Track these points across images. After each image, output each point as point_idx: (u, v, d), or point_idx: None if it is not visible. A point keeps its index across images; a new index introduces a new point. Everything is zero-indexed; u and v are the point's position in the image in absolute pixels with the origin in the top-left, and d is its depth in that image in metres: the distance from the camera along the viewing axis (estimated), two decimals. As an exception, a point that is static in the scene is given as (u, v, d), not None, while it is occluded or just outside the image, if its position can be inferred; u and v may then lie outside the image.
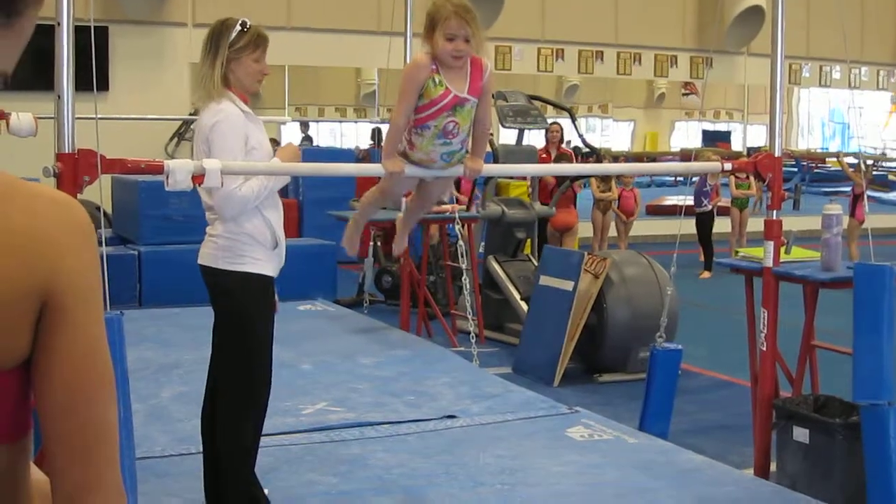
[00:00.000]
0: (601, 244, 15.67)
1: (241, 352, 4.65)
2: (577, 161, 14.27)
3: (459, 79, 4.37)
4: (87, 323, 1.47)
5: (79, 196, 4.10)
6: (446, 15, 4.27)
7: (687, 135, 27.89)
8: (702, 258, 15.45)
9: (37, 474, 1.63)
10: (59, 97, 4.20)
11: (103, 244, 2.90)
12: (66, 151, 4.21)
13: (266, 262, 4.64)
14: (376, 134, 19.67)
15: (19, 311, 1.41)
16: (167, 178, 4.29)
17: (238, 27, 4.60)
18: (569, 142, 17.23)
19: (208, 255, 4.66)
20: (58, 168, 4.18)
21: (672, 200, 20.69)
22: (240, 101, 4.63)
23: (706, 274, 15.15)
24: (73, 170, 4.19)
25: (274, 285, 4.73)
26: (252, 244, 4.59)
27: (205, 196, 4.63)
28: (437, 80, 4.34)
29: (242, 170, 4.47)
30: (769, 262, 5.87)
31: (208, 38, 4.64)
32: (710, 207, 15.52)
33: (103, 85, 14.14)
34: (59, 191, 1.52)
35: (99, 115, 4.15)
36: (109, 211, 12.79)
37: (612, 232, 16.32)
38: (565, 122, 13.91)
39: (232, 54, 4.58)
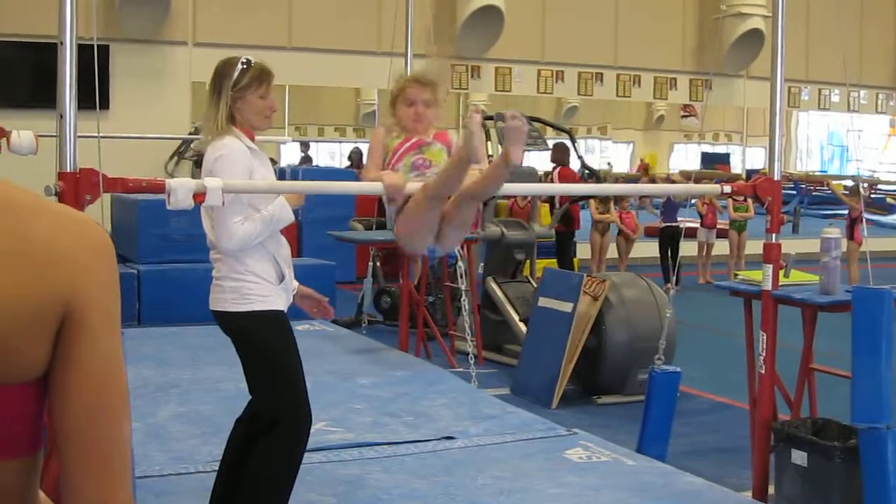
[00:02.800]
0: (600, 266, 15.71)
1: (271, 388, 4.59)
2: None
3: (422, 133, 4.58)
4: (106, 339, 1.49)
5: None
6: (404, 84, 4.60)
7: (686, 157, 27.95)
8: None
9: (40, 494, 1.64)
10: (61, 116, 4.21)
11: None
12: (68, 170, 4.21)
13: (274, 298, 4.58)
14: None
15: (39, 324, 1.43)
16: (168, 196, 4.29)
17: (240, 66, 4.57)
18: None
19: (217, 299, 4.59)
20: (59, 187, 4.19)
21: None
22: (245, 137, 4.60)
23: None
24: (75, 189, 4.19)
25: (286, 318, 4.69)
26: (258, 282, 4.54)
27: (211, 234, 4.58)
28: (394, 135, 4.59)
29: (243, 188, 4.47)
30: (768, 286, 5.87)
31: (212, 78, 4.60)
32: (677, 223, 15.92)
33: (104, 103, 14.13)
34: (82, 212, 1.55)
35: (100, 134, 4.16)
36: (109, 229, 12.80)
37: (611, 253, 16.39)
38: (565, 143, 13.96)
39: (236, 93, 4.54)
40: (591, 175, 13.35)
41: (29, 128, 6.41)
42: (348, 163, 20.18)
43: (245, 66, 4.56)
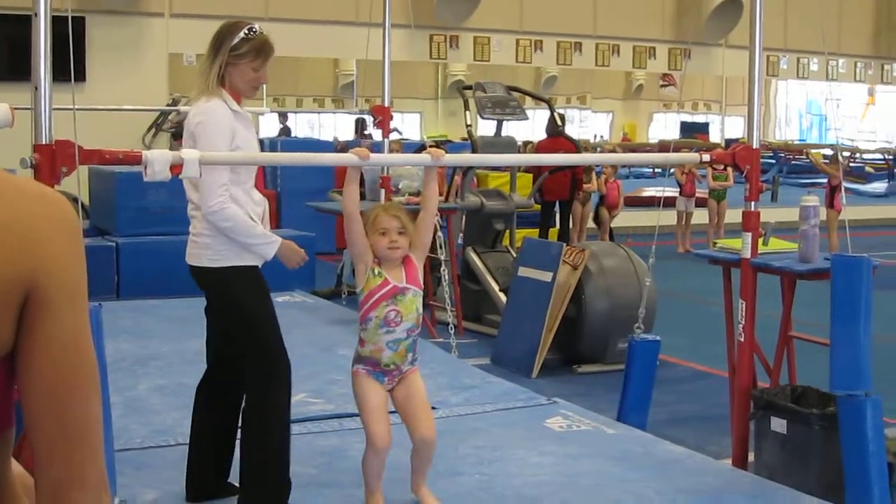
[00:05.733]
0: (580, 235, 15.72)
1: (247, 343, 4.65)
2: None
3: (396, 270, 4.75)
4: (72, 317, 1.47)
5: (56, 187, 4.08)
6: (376, 213, 4.79)
7: (665, 126, 27.94)
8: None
9: (17, 468, 1.63)
10: (35, 88, 4.18)
11: (81, 235, 2.87)
12: (44, 142, 4.19)
13: (249, 254, 4.63)
14: (359, 124, 19.71)
15: (1, 303, 1.41)
16: (145, 168, 4.27)
17: (243, 33, 4.57)
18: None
19: (193, 254, 4.68)
20: (35, 159, 4.16)
21: (650, 192, 20.74)
22: (231, 100, 4.61)
23: None
24: (51, 161, 4.16)
25: (260, 272, 4.71)
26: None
27: (190, 191, 4.62)
28: (376, 272, 4.72)
29: (220, 160, 4.46)
30: (747, 254, 5.88)
31: (214, 36, 4.62)
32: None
33: (80, 76, 14.06)
34: (45, 185, 1.51)
35: (76, 106, 4.13)
36: (87, 202, 12.74)
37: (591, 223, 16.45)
38: (543, 114, 13.93)
39: (231, 59, 4.56)
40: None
41: (4, 100, 6.32)
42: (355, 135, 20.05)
43: (247, 35, 4.56)
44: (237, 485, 4.80)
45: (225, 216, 4.51)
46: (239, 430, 4.79)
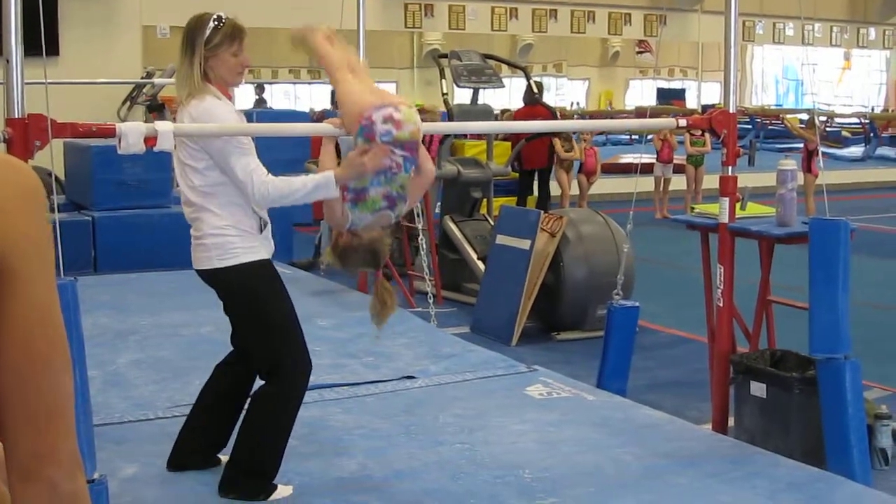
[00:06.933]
0: (563, 202, 15.75)
1: (266, 340, 4.60)
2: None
3: None
4: (38, 289, 1.44)
5: (30, 162, 4.05)
6: None
7: (642, 93, 27.97)
8: None
9: None
10: (7, 61, 4.14)
11: (55, 210, 2.80)
12: (16, 116, 4.16)
13: (258, 248, 4.53)
14: (335, 94, 19.68)
15: None
16: (119, 141, 4.24)
17: (212, 23, 4.48)
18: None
19: (200, 258, 4.55)
20: (8, 133, 4.13)
21: (627, 159, 20.74)
22: (222, 95, 4.56)
23: None
24: (24, 135, 4.13)
25: (273, 266, 4.66)
26: (240, 234, 4.48)
27: (188, 192, 4.53)
28: None
29: (192, 132, 4.43)
30: (725, 218, 5.88)
31: (184, 35, 4.52)
32: None
33: (53, 49, 14.00)
34: (10, 155, 1.48)
35: (49, 80, 4.10)
36: (62, 177, 12.66)
37: (573, 190, 16.44)
38: (520, 82, 13.91)
39: (208, 52, 4.46)
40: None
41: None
42: (332, 106, 19.99)
43: (217, 24, 4.47)
44: (223, 459, 4.79)
45: (275, 189, 4.47)
46: (243, 413, 4.77)
